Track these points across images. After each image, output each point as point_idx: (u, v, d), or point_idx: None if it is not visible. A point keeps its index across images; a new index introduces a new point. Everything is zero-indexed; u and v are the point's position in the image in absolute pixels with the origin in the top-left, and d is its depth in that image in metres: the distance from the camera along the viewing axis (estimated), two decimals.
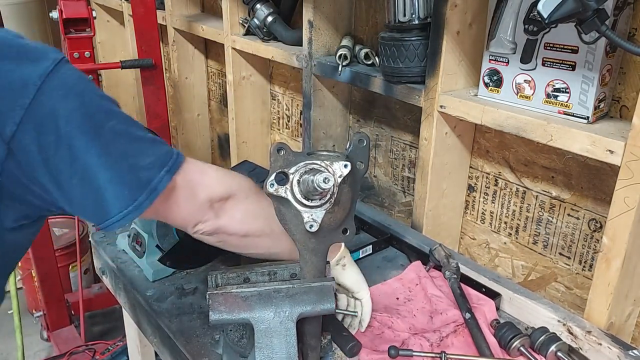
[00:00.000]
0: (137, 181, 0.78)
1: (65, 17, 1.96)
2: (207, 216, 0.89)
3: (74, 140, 0.74)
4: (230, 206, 0.91)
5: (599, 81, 1.11)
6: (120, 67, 2.16)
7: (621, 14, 1.08)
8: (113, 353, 2.28)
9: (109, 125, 0.77)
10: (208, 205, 0.88)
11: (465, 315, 1.13)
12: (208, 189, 0.88)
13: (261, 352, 0.90)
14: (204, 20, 2.45)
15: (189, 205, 0.87)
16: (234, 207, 0.92)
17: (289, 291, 0.93)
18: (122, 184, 0.77)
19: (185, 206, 0.86)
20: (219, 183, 0.90)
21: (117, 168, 0.77)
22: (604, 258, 1.10)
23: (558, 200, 1.36)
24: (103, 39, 3.52)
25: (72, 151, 0.74)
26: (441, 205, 1.52)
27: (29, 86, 0.71)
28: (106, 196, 0.77)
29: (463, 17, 1.31)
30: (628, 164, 1.02)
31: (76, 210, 0.80)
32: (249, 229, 0.95)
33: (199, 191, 0.87)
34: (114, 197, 0.77)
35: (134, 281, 1.31)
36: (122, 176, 0.77)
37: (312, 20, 1.70)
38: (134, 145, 0.80)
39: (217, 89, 2.73)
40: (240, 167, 1.82)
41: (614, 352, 1.03)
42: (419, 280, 1.29)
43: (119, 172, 0.77)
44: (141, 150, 0.80)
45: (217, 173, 0.91)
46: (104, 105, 0.78)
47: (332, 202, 0.87)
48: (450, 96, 1.34)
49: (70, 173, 0.75)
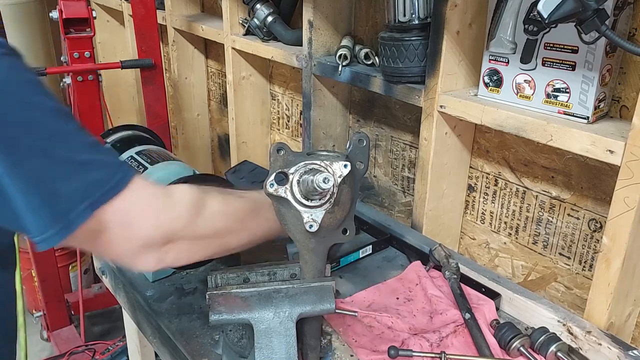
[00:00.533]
0: (51, 211, 0.68)
1: (65, 17, 1.97)
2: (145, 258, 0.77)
3: None
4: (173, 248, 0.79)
5: (599, 81, 1.11)
6: (120, 67, 2.16)
7: (621, 14, 1.08)
8: (113, 353, 2.28)
9: (27, 140, 0.66)
10: (144, 251, 0.77)
11: (465, 316, 1.13)
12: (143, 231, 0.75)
13: (261, 353, 0.90)
14: (204, 20, 2.45)
15: (121, 246, 0.75)
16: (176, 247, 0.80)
17: (288, 291, 0.93)
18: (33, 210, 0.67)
19: (117, 246, 0.75)
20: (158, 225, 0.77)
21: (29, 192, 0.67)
22: (604, 258, 1.09)
23: (558, 200, 1.36)
24: (103, 39, 3.52)
25: None
26: (441, 205, 1.52)
27: None
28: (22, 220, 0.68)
29: (463, 17, 1.31)
30: (628, 164, 1.02)
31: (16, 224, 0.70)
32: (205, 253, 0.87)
33: (133, 233, 0.75)
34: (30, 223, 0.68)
35: (133, 281, 1.31)
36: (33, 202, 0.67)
37: (312, 20, 1.70)
38: (55, 167, 0.68)
39: (217, 89, 2.73)
40: (240, 167, 1.82)
41: (613, 352, 1.02)
42: (419, 280, 1.29)
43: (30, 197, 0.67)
44: (63, 175, 0.68)
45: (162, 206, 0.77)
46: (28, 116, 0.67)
47: (331, 202, 0.87)
48: (450, 96, 1.34)
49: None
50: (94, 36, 2.07)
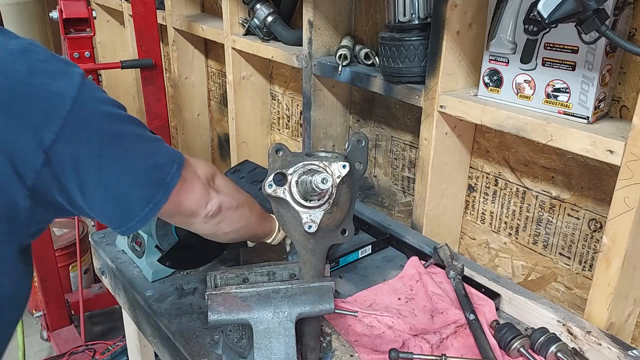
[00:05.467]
0: (155, 180, 0.84)
1: (65, 17, 1.96)
2: (211, 194, 0.95)
3: (104, 149, 0.78)
4: (219, 181, 1.00)
5: (599, 81, 1.11)
6: (120, 67, 2.16)
7: (621, 14, 1.08)
8: (113, 353, 2.28)
9: (128, 130, 0.82)
10: (208, 185, 0.96)
11: (469, 317, 1.13)
12: (203, 171, 0.96)
13: (260, 353, 0.90)
14: (204, 20, 2.45)
15: (197, 190, 0.92)
16: (220, 181, 1.00)
17: (287, 291, 0.92)
18: (142, 185, 0.83)
19: (195, 192, 0.92)
20: (204, 164, 0.99)
21: (138, 171, 0.82)
22: (604, 258, 1.09)
23: (558, 200, 1.36)
24: (103, 39, 3.52)
25: (101, 160, 0.78)
26: (441, 205, 1.52)
27: (65, 98, 0.74)
28: (129, 198, 0.82)
29: (463, 17, 1.31)
30: (628, 164, 1.02)
31: (97, 214, 0.83)
32: (237, 199, 1.02)
33: (200, 175, 0.94)
34: (136, 199, 0.83)
35: (133, 281, 1.30)
36: (143, 178, 0.83)
37: (312, 20, 1.69)
38: (150, 146, 0.85)
39: (217, 89, 2.73)
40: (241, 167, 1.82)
41: (613, 352, 1.02)
42: (420, 277, 1.29)
43: (140, 175, 0.82)
44: (156, 150, 0.86)
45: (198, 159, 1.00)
46: (122, 112, 0.83)
47: (330, 202, 0.87)
48: (450, 96, 1.34)
49: (98, 180, 0.79)
50: (94, 36, 2.07)
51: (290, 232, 0.91)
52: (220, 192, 0.98)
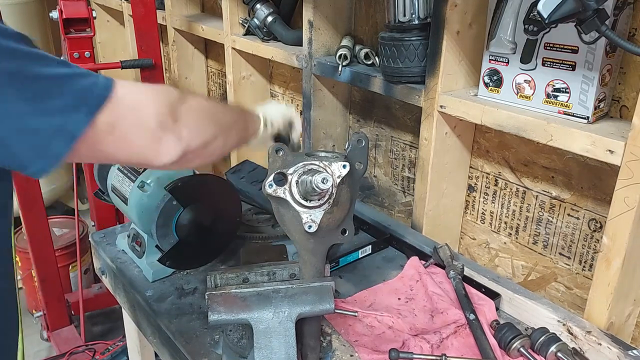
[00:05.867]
0: (48, 128, 0.68)
1: (65, 17, 1.96)
2: (165, 140, 0.77)
3: None
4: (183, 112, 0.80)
5: (599, 81, 1.11)
6: (120, 67, 2.16)
7: (621, 14, 1.08)
8: (113, 353, 2.28)
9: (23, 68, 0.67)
10: (162, 127, 0.76)
11: (470, 316, 1.13)
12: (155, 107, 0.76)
13: (260, 353, 0.90)
14: (204, 20, 2.45)
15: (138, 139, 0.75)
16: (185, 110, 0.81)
17: (288, 291, 0.92)
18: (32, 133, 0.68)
19: (132, 141, 0.75)
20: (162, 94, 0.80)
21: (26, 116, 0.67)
22: (604, 258, 1.09)
23: (558, 200, 1.36)
24: (103, 39, 3.52)
25: None
26: (441, 205, 1.52)
27: None
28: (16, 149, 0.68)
29: (463, 17, 1.31)
30: (628, 164, 1.02)
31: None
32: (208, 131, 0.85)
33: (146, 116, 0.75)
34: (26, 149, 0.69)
35: (133, 281, 1.30)
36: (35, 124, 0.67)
37: (312, 20, 1.69)
38: (38, 86, 0.68)
39: (217, 89, 2.73)
40: (241, 167, 1.83)
41: (613, 352, 1.02)
42: (420, 277, 1.29)
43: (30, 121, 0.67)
44: (48, 92, 0.68)
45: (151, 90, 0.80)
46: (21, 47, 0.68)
47: (330, 202, 0.87)
48: (450, 96, 1.34)
49: None
50: (94, 36, 2.07)
51: (290, 231, 0.91)
52: (183, 129, 0.79)
